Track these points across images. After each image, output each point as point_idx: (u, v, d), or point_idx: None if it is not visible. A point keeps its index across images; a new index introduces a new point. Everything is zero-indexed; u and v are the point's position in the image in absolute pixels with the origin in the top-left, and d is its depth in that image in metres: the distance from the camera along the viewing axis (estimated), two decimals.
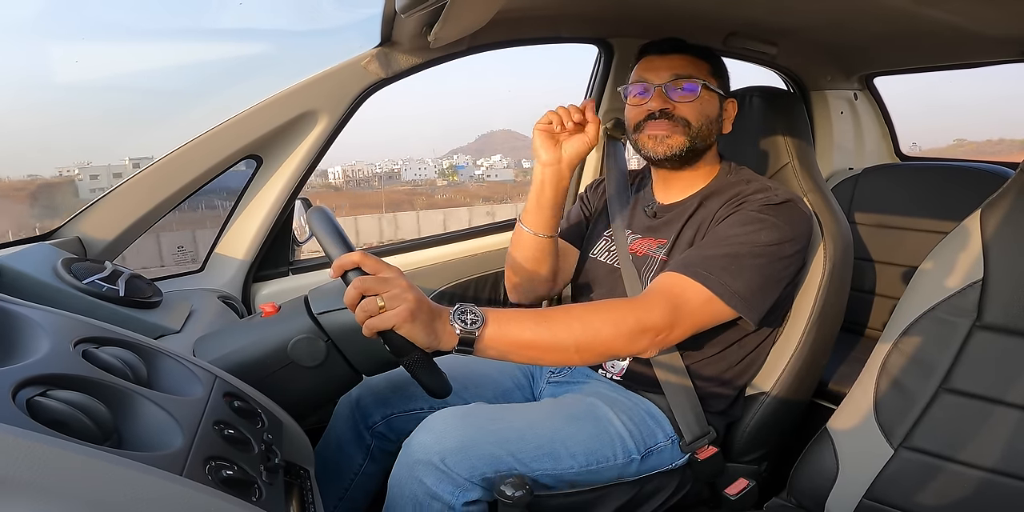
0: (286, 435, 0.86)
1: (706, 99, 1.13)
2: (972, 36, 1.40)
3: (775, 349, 1.19)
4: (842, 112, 2.11)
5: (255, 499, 0.62)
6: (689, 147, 1.13)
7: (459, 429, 0.98)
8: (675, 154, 1.13)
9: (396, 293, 0.80)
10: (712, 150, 1.19)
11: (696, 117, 1.12)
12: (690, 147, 1.13)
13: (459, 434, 0.97)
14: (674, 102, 1.12)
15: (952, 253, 1.03)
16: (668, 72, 1.13)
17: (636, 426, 1.10)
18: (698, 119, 1.12)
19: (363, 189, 70.73)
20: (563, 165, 1.15)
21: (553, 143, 1.15)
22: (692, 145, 1.13)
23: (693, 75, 1.12)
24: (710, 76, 1.15)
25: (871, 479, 1.00)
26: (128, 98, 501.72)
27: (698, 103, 1.12)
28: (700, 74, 1.13)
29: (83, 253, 1.22)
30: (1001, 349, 0.97)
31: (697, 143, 1.13)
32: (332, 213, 0.92)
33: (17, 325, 0.70)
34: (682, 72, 1.12)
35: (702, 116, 1.13)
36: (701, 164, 1.19)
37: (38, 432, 0.50)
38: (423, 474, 0.95)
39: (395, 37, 1.32)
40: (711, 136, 1.16)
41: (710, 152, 1.19)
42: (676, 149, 1.13)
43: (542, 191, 1.18)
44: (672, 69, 1.13)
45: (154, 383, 0.74)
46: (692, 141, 1.13)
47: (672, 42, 1.17)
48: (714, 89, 1.14)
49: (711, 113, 1.14)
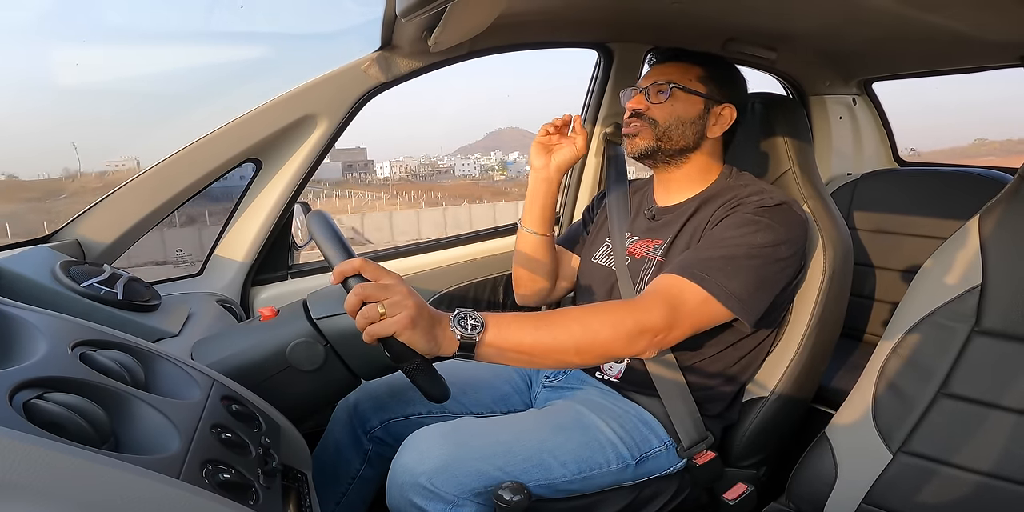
0: (284, 439, 0.86)
1: (681, 100, 1.16)
2: (970, 41, 1.40)
3: (775, 354, 1.19)
4: (841, 117, 2.12)
5: (252, 503, 0.62)
6: (655, 146, 1.17)
7: (442, 448, 0.98)
8: (642, 152, 1.18)
9: (397, 300, 0.80)
10: (705, 153, 1.20)
11: (664, 117, 1.16)
12: (656, 146, 1.17)
13: (442, 453, 0.97)
14: (648, 103, 1.17)
15: (951, 258, 1.04)
16: (654, 78, 1.19)
17: (627, 432, 1.10)
18: (666, 119, 1.16)
19: (427, 181, 73.69)
20: (552, 170, 1.28)
21: (545, 152, 1.29)
22: (658, 144, 1.17)
23: (673, 81, 1.16)
24: (697, 81, 1.17)
25: (870, 484, 1.00)
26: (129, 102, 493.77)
27: (669, 104, 1.16)
28: (683, 79, 1.17)
29: (82, 256, 1.22)
30: (1000, 354, 0.97)
31: (664, 142, 1.17)
32: (331, 217, 0.92)
33: (15, 328, 0.70)
34: (662, 79, 1.18)
35: (671, 117, 1.16)
36: (693, 167, 1.20)
37: (35, 435, 0.50)
38: (412, 495, 0.96)
39: (395, 41, 1.32)
40: (685, 137, 1.17)
41: (700, 154, 1.19)
42: (642, 147, 1.18)
43: (535, 194, 1.30)
44: (658, 76, 1.19)
45: (152, 386, 0.73)
46: (658, 140, 1.17)
47: (672, 51, 1.22)
48: (693, 92, 1.16)
49: (685, 114, 1.16)
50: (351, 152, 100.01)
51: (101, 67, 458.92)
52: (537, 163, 1.29)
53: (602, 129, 1.75)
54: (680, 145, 1.17)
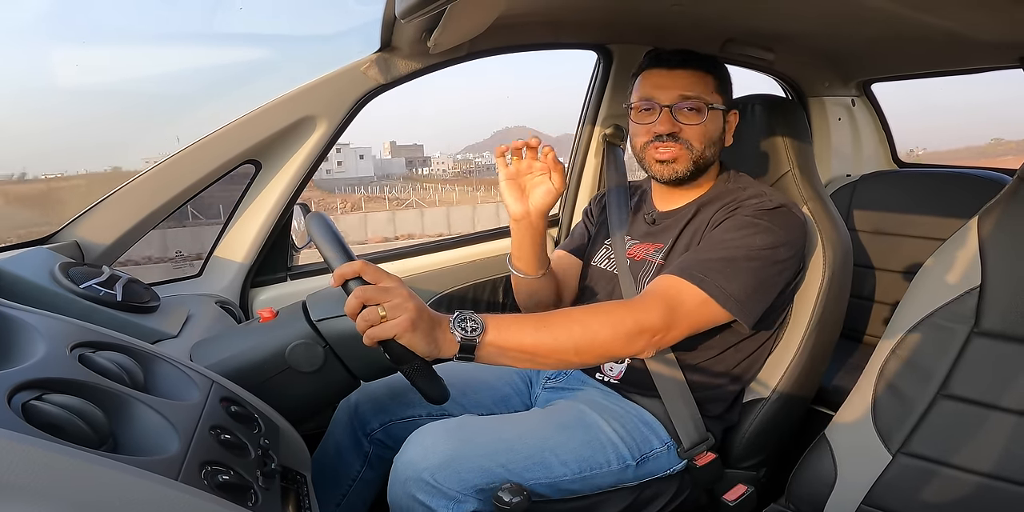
0: (283, 440, 0.86)
1: (711, 119, 1.14)
2: (969, 42, 1.41)
3: (774, 355, 1.19)
4: (840, 118, 2.12)
5: (251, 504, 0.62)
6: (694, 170, 1.15)
7: (446, 444, 0.98)
8: (681, 177, 1.15)
9: (397, 303, 0.80)
10: (715, 163, 1.20)
11: (700, 139, 1.13)
12: (695, 169, 1.15)
13: (446, 449, 0.97)
14: (681, 124, 1.12)
15: (950, 259, 1.04)
16: (675, 92, 1.12)
17: (628, 433, 1.10)
18: (702, 141, 1.13)
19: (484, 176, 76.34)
20: (533, 217, 1.13)
21: (520, 193, 1.12)
22: (696, 167, 1.15)
23: (700, 95, 1.12)
24: (715, 92, 1.15)
25: (869, 485, 1.00)
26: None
27: (703, 126, 1.12)
28: (706, 92, 1.13)
29: (81, 257, 1.22)
30: (999, 355, 0.97)
31: (701, 164, 1.15)
32: (331, 219, 0.92)
33: (14, 329, 0.70)
34: (689, 92, 1.11)
35: (706, 138, 1.13)
36: (702, 177, 1.20)
37: (34, 436, 0.50)
38: (415, 490, 0.95)
39: (395, 42, 1.32)
40: (715, 155, 1.17)
41: (712, 165, 1.19)
42: (681, 173, 1.15)
43: (523, 242, 1.17)
44: (679, 89, 1.12)
45: (151, 388, 0.73)
46: (696, 163, 1.14)
47: (680, 55, 1.15)
48: (718, 107, 1.14)
49: (715, 133, 1.15)
50: (411, 148, 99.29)
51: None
52: (516, 210, 1.12)
53: (601, 130, 1.75)
54: (712, 162, 1.17)
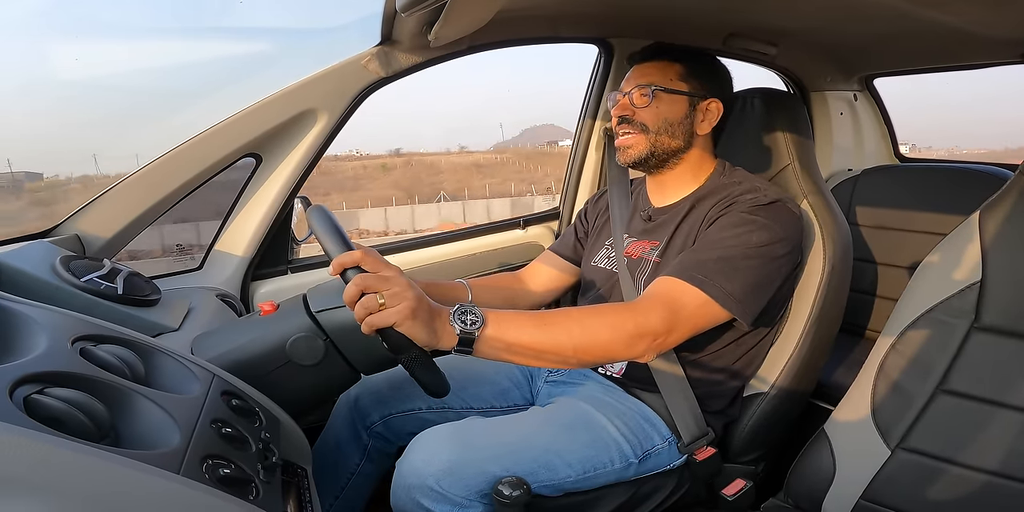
0: (284, 434, 0.87)
1: (665, 101, 1.16)
2: (972, 37, 1.40)
3: (774, 349, 1.19)
4: (841, 113, 2.11)
5: (252, 498, 0.62)
6: (649, 152, 1.17)
7: (449, 449, 0.96)
8: (637, 160, 1.18)
9: (397, 291, 0.80)
10: (697, 151, 1.20)
11: (653, 120, 1.16)
12: (650, 152, 1.17)
13: (450, 454, 0.95)
14: (634, 107, 1.17)
15: (951, 254, 1.03)
16: (635, 81, 1.18)
17: (631, 431, 1.10)
18: (655, 122, 1.16)
19: None
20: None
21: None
22: (652, 149, 1.16)
23: (654, 82, 1.16)
24: (679, 80, 1.16)
25: (868, 480, 1.00)
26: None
27: (654, 106, 1.16)
28: (663, 79, 1.16)
29: (82, 251, 1.22)
30: (999, 351, 0.97)
31: (660, 148, 1.16)
32: (331, 211, 0.92)
33: (15, 322, 0.70)
34: (644, 81, 1.17)
35: (659, 119, 1.16)
36: (686, 165, 1.20)
37: (35, 430, 0.50)
38: (419, 496, 0.94)
39: (395, 36, 1.31)
40: (677, 138, 1.17)
41: (694, 153, 1.19)
42: (638, 154, 1.17)
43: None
44: (639, 78, 1.18)
45: (152, 381, 0.74)
46: (652, 145, 1.16)
47: (652, 50, 1.21)
48: (675, 91, 1.16)
49: (673, 115, 1.16)
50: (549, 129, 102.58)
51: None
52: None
53: (602, 124, 1.75)
54: (672, 147, 1.17)
